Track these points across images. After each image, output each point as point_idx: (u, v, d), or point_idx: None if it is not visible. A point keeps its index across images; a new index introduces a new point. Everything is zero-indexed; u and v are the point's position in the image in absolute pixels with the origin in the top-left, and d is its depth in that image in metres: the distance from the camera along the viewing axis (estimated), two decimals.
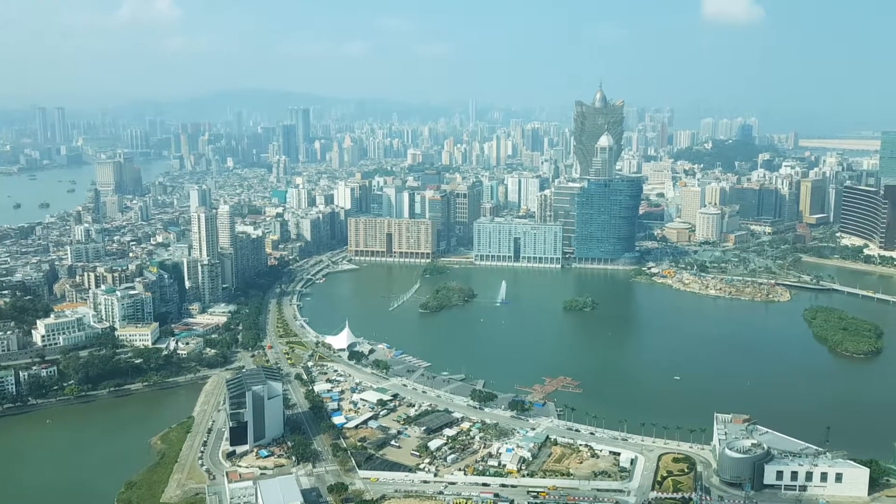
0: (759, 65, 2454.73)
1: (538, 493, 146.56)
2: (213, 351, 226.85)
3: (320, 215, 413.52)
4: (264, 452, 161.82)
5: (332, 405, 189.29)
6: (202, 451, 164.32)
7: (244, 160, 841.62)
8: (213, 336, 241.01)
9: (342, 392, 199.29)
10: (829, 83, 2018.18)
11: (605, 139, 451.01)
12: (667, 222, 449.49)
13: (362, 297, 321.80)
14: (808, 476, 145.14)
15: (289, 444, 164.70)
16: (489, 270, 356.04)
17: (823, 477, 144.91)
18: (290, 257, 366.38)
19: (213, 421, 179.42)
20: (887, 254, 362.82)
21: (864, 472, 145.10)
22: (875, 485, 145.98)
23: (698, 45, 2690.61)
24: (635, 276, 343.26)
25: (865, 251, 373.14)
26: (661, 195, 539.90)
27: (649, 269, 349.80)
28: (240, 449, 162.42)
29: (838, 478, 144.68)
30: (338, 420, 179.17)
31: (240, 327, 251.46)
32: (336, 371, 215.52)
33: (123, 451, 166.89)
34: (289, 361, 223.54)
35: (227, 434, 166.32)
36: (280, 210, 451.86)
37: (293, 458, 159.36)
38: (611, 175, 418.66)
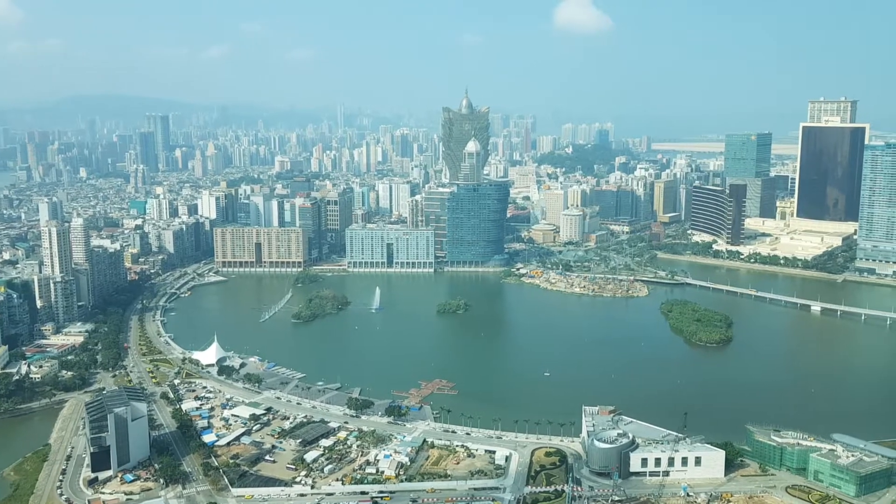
0: (610, 72, 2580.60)
1: (382, 497, 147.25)
2: (69, 373, 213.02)
3: (183, 226, 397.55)
4: (129, 477, 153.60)
5: (202, 423, 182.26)
6: (61, 480, 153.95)
7: (99, 170, 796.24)
8: (69, 357, 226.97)
9: (212, 409, 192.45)
10: (677, 89, 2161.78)
11: (473, 145, 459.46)
12: (533, 224, 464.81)
13: (231, 310, 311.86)
14: (671, 461, 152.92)
15: (156, 466, 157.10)
16: (363, 277, 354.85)
17: (684, 461, 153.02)
18: (152, 271, 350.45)
19: (73, 447, 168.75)
20: (733, 248, 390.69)
21: (720, 455, 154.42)
22: (730, 466, 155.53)
23: (554, 53, 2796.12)
24: (505, 278, 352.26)
25: (714, 247, 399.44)
26: (526, 198, 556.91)
27: (518, 270, 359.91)
28: (103, 475, 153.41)
29: (697, 461, 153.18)
30: (208, 438, 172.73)
31: (98, 347, 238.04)
32: (205, 387, 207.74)
33: None
34: (153, 380, 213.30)
35: (88, 460, 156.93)
36: (139, 222, 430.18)
37: (161, 480, 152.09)
38: (479, 180, 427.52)
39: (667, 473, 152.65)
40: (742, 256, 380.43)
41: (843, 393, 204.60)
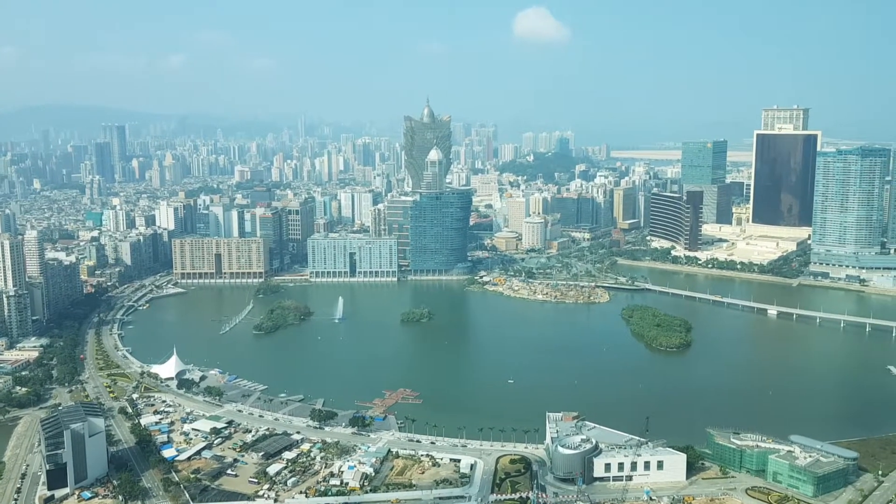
0: (569, 82, 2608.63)
1: None
2: (24, 389, 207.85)
3: (141, 238, 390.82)
4: (87, 494, 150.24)
5: (162, 438, 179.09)
6: (16, 499, 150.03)
7: (53, 181, 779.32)
8: (23, 373, 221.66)
9: (172, 423, 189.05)
10: (634, 98, 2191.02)
11: (435, 153, 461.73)
12: (496, 232, 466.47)
13: (191, 322, 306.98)
14: (633, 466, 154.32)
15: (114, 482, 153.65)
16: (325, 287, 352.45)
17: (646, 465, 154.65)
18: (109, 284, 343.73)
19: (28, 465, 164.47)
20: (691, 254, 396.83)
21: (681, 458, 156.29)
22: (692, 469, 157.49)
23: (514, 63, 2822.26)
24: (469, 286, 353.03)
25: (673, 252, 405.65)
26: (489, 206, 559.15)
27: (481, 277, 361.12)
28: (59, 493, 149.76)
29: (660, 465, 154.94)
30: (168, 453, 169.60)
31: (54, 362, 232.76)
32: (164, 402, 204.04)
33: None
34: (111, 395, 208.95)
35: (43, 478, 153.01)
36: (96, 234, 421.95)
37: (120, 497, 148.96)
38: (441, 188, 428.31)
39: (630, 478, 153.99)
40: (700, 262, 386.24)
41: (800, 395, 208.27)
